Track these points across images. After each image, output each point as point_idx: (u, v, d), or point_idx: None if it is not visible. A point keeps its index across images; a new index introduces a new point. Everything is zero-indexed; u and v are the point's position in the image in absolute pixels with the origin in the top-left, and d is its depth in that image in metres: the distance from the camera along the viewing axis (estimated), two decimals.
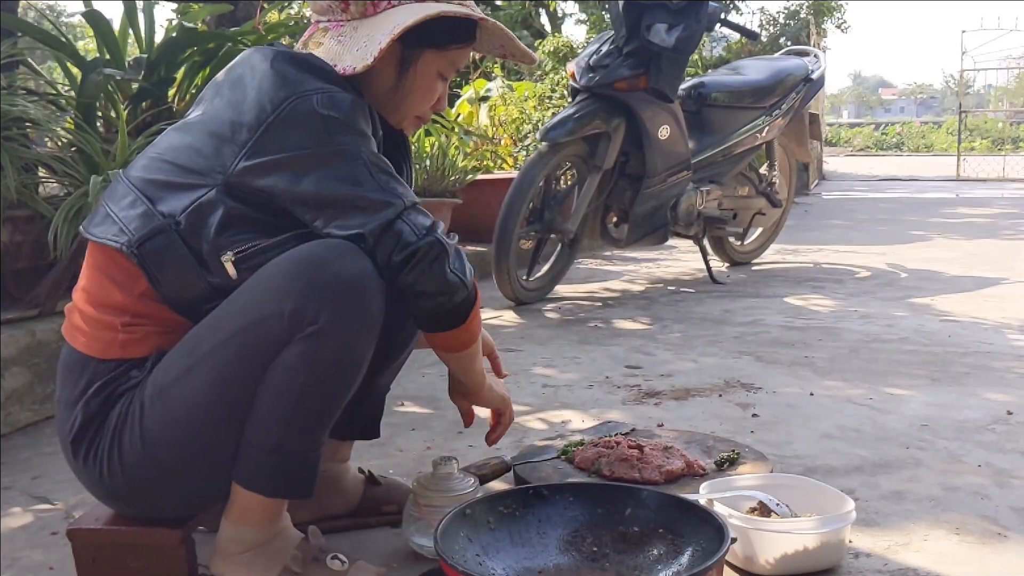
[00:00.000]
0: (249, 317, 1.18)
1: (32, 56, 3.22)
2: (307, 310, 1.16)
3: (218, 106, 1.28)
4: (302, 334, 1.16)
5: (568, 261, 3.91)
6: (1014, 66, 16.16)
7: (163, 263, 1.23)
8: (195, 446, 1.22)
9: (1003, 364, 2.62)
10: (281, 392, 1.19)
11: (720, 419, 2.17)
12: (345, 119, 1.22)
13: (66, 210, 2.39)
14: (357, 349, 1.21)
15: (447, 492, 1.42)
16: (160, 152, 1.30)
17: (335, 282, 1.16)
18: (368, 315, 1.20)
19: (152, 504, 1.29)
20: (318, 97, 1.22)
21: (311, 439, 1.23)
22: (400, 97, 1.38)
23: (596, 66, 3.61)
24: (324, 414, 1.23)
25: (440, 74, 1.39)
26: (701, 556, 1.20)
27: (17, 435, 2.17)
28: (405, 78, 1.36)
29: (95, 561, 1.32)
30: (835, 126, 29.42)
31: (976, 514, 1.59)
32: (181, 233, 1.23)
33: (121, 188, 1.29)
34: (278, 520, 1.29)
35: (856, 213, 7.74)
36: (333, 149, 1.21)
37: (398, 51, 1.34)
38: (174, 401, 1.21)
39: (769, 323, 3.28)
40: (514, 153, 5.96)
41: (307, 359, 1.17)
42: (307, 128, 1.21)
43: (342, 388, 1.23)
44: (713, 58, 10.49)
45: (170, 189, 1.25)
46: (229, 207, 1.22)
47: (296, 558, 1.27)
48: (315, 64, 1.28)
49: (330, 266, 1.17)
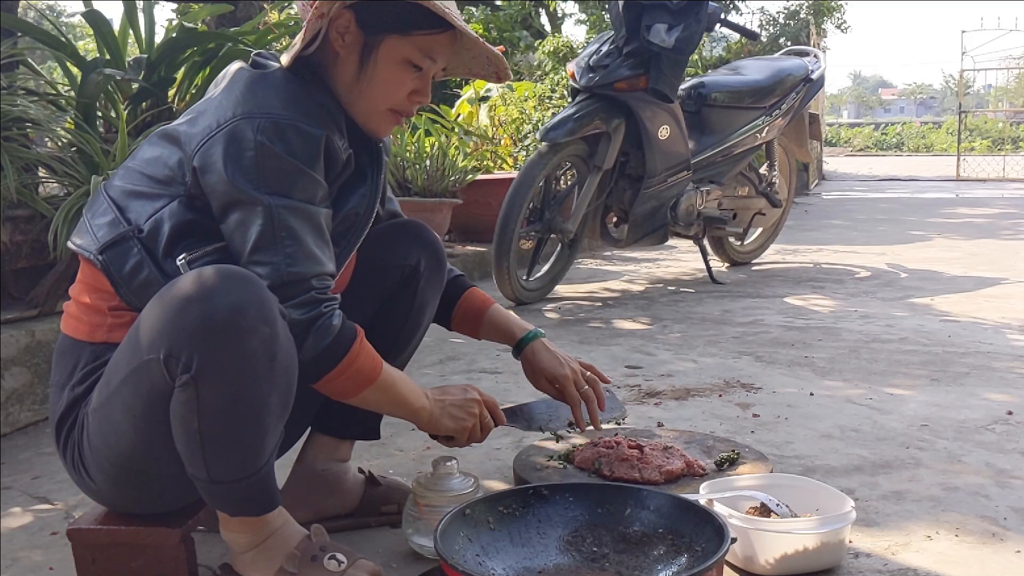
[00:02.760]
0: (137, 358, 1.17)
1: (32, 56, 3.22)
2: (179, 356, 1.13)
3: (190, 116, 1.31)
4: (179, 382, 1.14)
5: (568, 261, 3.91)
6: (1014, 66, 16.19)
7: (123, 267, 1.26)
8: (130, 464, 1.25)
9: (1003, 364, 2.62)
10: (186, 434, 1.17)
11: (720, 419, 2.17)
12: (282, 151, 1.22)
13: (66, 210, 2.39)
14: (247, 386, 1.15)
15: (447, 492, 1.41)
16: (136, 163, 1.34)
17: (202, 325, 1.12)
18: (247, 352, 1.13)
19: (112, 501, 1.33)
20: (261, 122, 1.23)
21: (242, 467, 1.20)
22: (363, 87, 1.34)
23: (596, 66, 3.61)
24: (243, 444, 1.19)
25: (409, 61, 1.33)
26: (701, 556, 1.20)
27: (17, 435, 2.17)
28: (367, 66, 1.32)
29: (95, 561, 1.32)
30: (835, 126, 29.42)
31: (976, 514, 1.59)
32: (142, 239, 1.26)
33: (99, 200, 1.34)
34: (268, 524, 1.27)
35: (856, 213, 7.75)
36: (251, 194, 1.21)
37: (360, 38, 1.32)
38: (103, 424, 1.24)
39: (769, 323, 3.28)
40: (514, 153, 5.96)
41: (192, 408, 1.14)
42: (240, 151, 1.22)
43: (250, 422, 1.17)
44: (713, 58, 10.49)
45: (138, 198, 1.29)
46: (188, 217, 1.26)
47: (293, 557, 1.26)
48: (286, 88, 1.28)
49: (197, 306, 1.12)
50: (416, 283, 1.55)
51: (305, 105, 1.28)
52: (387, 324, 1.54)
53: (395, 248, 1.55)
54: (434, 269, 1.58)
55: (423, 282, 1.56)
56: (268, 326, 1.15)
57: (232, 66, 1.35)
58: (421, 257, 1.55)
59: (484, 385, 2.52)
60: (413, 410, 1.37)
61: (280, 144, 1.22)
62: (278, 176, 1.23)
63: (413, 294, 1.56)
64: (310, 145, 1.25)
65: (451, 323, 1.66)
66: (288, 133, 1.23)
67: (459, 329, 1.66)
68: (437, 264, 1.58)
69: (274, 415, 1.20)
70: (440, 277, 1.60)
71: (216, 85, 1.34)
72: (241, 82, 1.29)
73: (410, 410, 1.37)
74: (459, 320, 1.65)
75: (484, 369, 2.71)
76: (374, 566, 1.30)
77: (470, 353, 2.90)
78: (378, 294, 1.54)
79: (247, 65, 1.34)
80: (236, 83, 1.30)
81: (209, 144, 1.24)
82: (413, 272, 1.55)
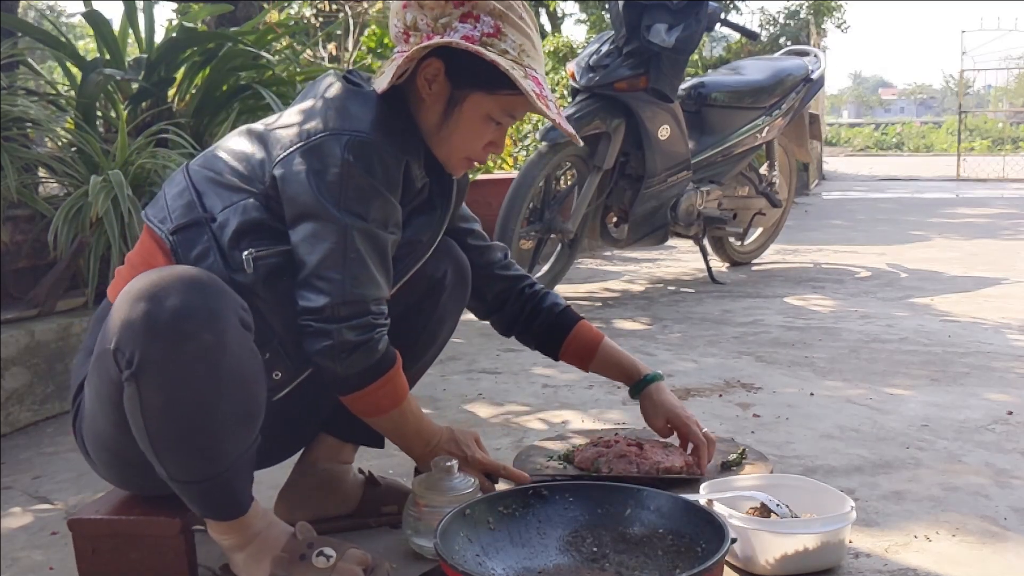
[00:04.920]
0: (102, 344, 1.19)
1: (32, 56, 3.22)
2: (124, 351, 1.14)
3: (281, 121, 1.35)
4: (124, 376, 1.15)
5: (568, 261, 3.91)
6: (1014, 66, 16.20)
7: (191, 251, 1.29)
8: (108, 444, 1.29)
9: (1003, 364, 2.62)
10: (135, 429, 1.19)
11: (720, 419, 2.17)
12: (365, 172, 1.26)
13: (66, 210, 2.39)
14: (185, 391, 1.15)
15: (447, 492, 1.41)
16: (221, 152, 1.37)
17: (145, 323, 1.13)
18: (185, 357, 1.13)
19: (109, 478, 1.37)
20: (349, 139, 1.26)
21: (195, 470, 1.20)
22: (445, 135, 1.39)
23: (596, 66, 3.61)
24: (190, 447, 1.19)
25: (490, 117, 1.38)
26: (701, 556, 1.20)
27: (17, 435, 2.17)
28: (451, 116, 1.37)
29: (95, 552, 1.32)
30: (835, 126, 29.37)
31: (976, 514, 1.59)
32: (213, 228, 1.29)
33: (178, 177, 1.38)
34: (248, 527, 1.27)
35: (856, 213, 7.74)
36: (330, 211, 1.25)
37: (448, 90, 1.36)
38: (89, 401, 1.28)
39: (769, 323, 3.28)
40: (514, 153, 5.96)
41: (135, 404, 1.16)
42: (325, 167, 1.26)
43: (195, 426, 1.17)
44: (713, 58, 10.48)
45: (217, 187, 1.32)
46: (260, 216, 1.29)
47: (281, 560, 1.26)
48: (377, 110, 1.32)
49: (145, 304, 1.13)
50: (440, 295, 1.56)
51: (391, 128, 1.32)
52: (406, 332, 1.54)
53: None
54: (459, 284, 1.59)
55: (446, 295, 1.57)
56: (213, 334, 1.14)
57: (327, 78, 1.39)
58: (448, 270, 1.57)
59: (484, 385, 2.53)
60: (410, 447, 1.47)
61: (364, 165, 1.26)
62: (358, 196, 1.27)
63: (435, 305, 1.57)
64: (392, 169, 1.30)
65: (559, 354, 1.72)
66: (373, 155, 1.27)
67: (568, 360, 1.73)
68: (462, 280, 1.60)
69: (227, 423, 1.19)
70: (464, 293, 1.62)
71: (305, 96, 1.39)
72: (335, 96, 1.33)
73: (408, 445, 1.47)
74: (570, 353, 1.71)
75: (484, 369, 2.71)
76: (363, 553, 1.29)
77: (470, 353, 2.90)
78: (402, 301, 1.53)
79: (341, 80, 1.38)
80: (330, 97, 1.34)
81: (294, 153, 1.28)
82: (439, 284, 1.56)
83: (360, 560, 1.28)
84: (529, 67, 1.34)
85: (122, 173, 2.46)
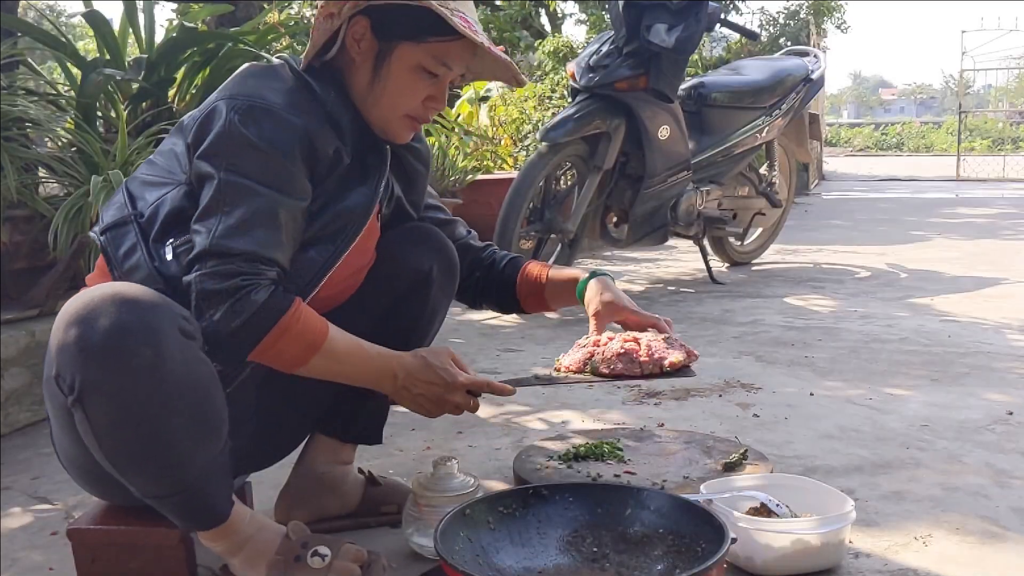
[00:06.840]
0: (46, 371, 1.19)
1: (32, 56, 3.22)
2: (64, 376, 1.13)
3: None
4: (69, 402, 1.14)
5: (568, 261, 3.90)
6: (1014, 66, 16.13)
7: (119, 249, 1.29)
8: (82, 463, 1.28)
9: (1003, 364, 2.62)
10: (94, 450, 1.18)
11: (720, 419, 2.17)
12: (252, 133, 1.23)
13: (66, 210, 2.39)
14: (132, 408, 1.13)
15: (447, 492, 1.41)
16: (153, 155, 1.38)
17: (78, 349, 1.11)
18: (126, 376, 1.11)
19: (87, 488, 1.37)
20: (237, 102, 1.25)
21: (163, 485, 1.19)
22: (378, 93, 1.35)
23: (596, 66, 3.60)
24: (151, 463, 1.18)
25: (423, 68, 1.33)
26: (701, 556, 1.20)
27: (17, 435, 2.17)
28: (380, 72, 1.34)
29: (94, 561, 1.32)
30: (835, 126, 29.35)
31: (976, 514, 1.59)
32: (140, 224, 1.29)
33: (117, 192, 1.38)
34: (237, 532, 1.26)
35: (856, 213, 7.74)
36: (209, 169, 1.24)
37: (374, 45, 1.33)
38: (52, 425, 1.30)
39: (769, 323, 3.28)
40: (514, 153, 5.95)
41: (86, 428, 1.15)
42: (210, 127, 1.26)
43: (151, 442, 1.15)
44: (713, 58, 10.47)
45: (148, 186, 1.33)
46: (184, 204, 1.28)
47: (276, 564, 1.25)
48: (281, 81, 1.31)
49: (76, 329, 1.12)
50: (428, 289, 1.55)
51: (296, 97, 1.30)
52: (397, 327, 1.54)
53: (410, 251, 1.54)
54: (447, 276, 1.58)
55: (435, 288, 1.56)
56: (150, 348, 1.12)
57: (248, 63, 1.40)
58: (434, 264, 1.55)
59: None
60: (376, 386, 1.34)
61: (252, 127, 1.24)
62: (239, 154, 1.24)
63: (425, 300, 1.55)
64: (284, 133, 1.26)
65: (520, 305, 1.63)
66: (262, 117, 1.25)
67: (531, 308, 1.63)
68: (450, 271, 1.58)
69: (183, 434, 1.17)
70: (452, 284, 1.60)
71: None
72: (242, 72, 1.34)
73: (373, 385, 1.34)
74: (526, 298, 1.62)
75: (484, 369, 2.71)
76: (358, 549, 1.29)
77: (470, 353, 2.90)
78: (389, 295, 1.53)
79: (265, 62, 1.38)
80: (238, 73, 1.35)
81: (194, 126, 1.28)
82: (426, 278, 1.54)
83: (355, 556, 1.28)
84: (456, 10, 1.30)
85: (122, 173, 2.46)
